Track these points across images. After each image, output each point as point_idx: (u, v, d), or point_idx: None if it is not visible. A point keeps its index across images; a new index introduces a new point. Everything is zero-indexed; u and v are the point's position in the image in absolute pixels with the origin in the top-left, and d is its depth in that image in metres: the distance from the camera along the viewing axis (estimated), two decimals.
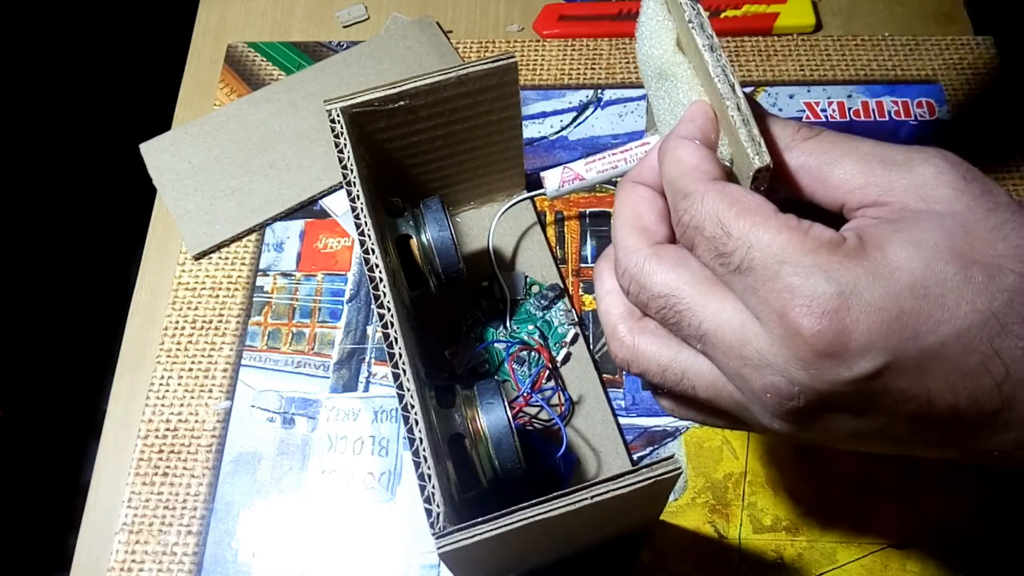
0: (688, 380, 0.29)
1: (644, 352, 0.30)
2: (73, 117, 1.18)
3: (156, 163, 0.57)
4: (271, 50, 0.63)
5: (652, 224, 0.30)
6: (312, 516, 0.46)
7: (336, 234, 0.55)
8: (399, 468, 0.47)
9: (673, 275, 0.28)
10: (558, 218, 0.55)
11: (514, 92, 0.47)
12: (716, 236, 0.27)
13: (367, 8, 0.65)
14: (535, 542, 0.36)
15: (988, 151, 0.57)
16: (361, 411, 0.49)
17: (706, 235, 0.27)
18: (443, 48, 0.62)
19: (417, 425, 0.34)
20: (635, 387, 0.49)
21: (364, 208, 0.39)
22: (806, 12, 0.62)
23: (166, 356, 0.51)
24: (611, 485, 0.31)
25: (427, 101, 0.44)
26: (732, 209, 0.26)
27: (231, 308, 0.53)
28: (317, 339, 0.52)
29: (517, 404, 0.47)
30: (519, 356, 0.49)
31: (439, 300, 0.49)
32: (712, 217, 0.27)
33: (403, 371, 0.35)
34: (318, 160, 0.57)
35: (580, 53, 0.62)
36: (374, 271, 0.38)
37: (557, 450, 0.45)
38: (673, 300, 0.28)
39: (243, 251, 0.55)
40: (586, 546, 0.43)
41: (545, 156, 0.58)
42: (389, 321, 0.37)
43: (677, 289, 0.28)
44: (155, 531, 0.46)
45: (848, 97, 0.59)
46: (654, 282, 0.29)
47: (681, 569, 0.44)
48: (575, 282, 0.53)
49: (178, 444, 0.49)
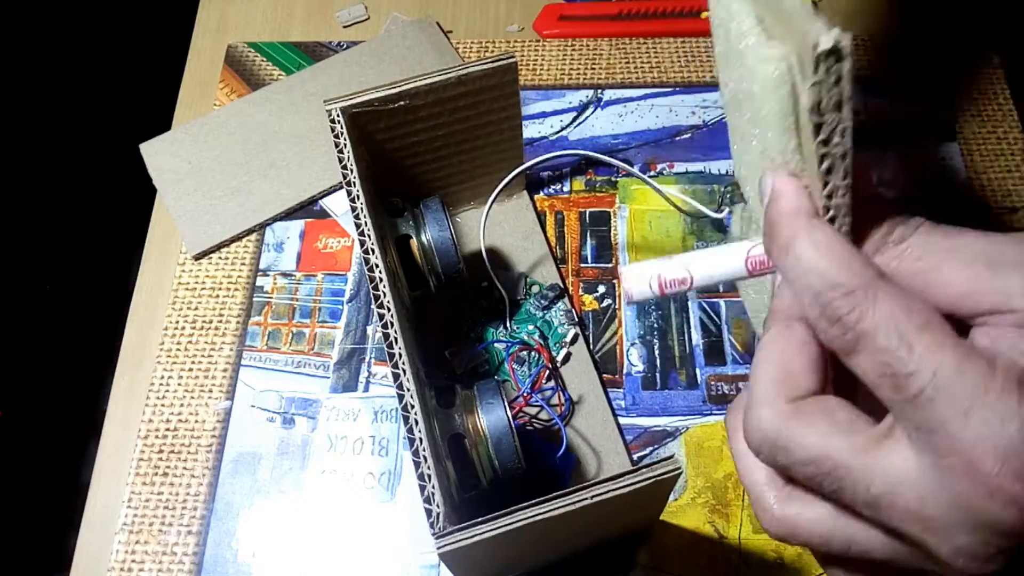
0: (858, 547, 0.25)
1: (800, 524, 0.26)
2: (73, 117, 1.18)
3: (156, 163, 0.57)
4: (271, 50, 0.63)
5: (799, 373, 0.25)
6: (312, 516, 0.46)
7: (336, 234, 0.55)
8: (399, 468, 0.47)
9: (823, 437, 0.23)
10: (558, 218, 0.55)
11: (514, 92, 0.47)
12: (891, 349, 0.22)
13: (367, 8, 0.65)
14: (535, 542, 0.36)
15: (988, 151, 0.57)
16: (361, 411, 0.49)
17: (878, 345, 0.22)
18: (443, 48, 0.62)
19: (417, 425, 0.34)
20: (635, 387, 0.49)
21: (364, 208, 0.39)
22: None
23: (166, 356, 0.51)
24: (611, 485, 0.31)
25: (427, 101, 0.44)
26: (914, 318, 0.22)
27: (231, 308, 0.53)
28: (317, 339, 0.52)
29: (517, 404, 0.47)
30: (519, 356, 0.49)
31: (439, 300, 0.49)
32: (887, 324, 0.22)
33: (403, 371, 0.35)
34: (318, 160, 0.57)
35: (580, 53, 0.62)
36: (374, 271, 0.38)
37: (557, 450, 0.45)
38: (828, 466, 0.23)
39: (243, 251, 0.55)
40: (586, 546, 0.43)
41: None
42: (389, 321, 0.37)
43: (831, 453, 0.23)
44: (155, 531, 0.46)
45: None
46: (799, 447, 0.24)
47: (681, 569, 0.44)
48: (575, 282, 0.53)
49: (178, 444, 0.49)
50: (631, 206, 0.55)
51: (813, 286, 0.24)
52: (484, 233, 0.50)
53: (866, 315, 0.22)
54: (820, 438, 0.23)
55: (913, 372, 0.21)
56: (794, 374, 0.25)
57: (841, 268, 0.23)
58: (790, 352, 0.25)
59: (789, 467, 0.24)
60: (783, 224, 0.25)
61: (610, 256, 0.54)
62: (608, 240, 0.54)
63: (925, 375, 0.21)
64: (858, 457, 0.23)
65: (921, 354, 0.21)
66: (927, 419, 0.21)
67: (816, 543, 0.26)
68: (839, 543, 0.25)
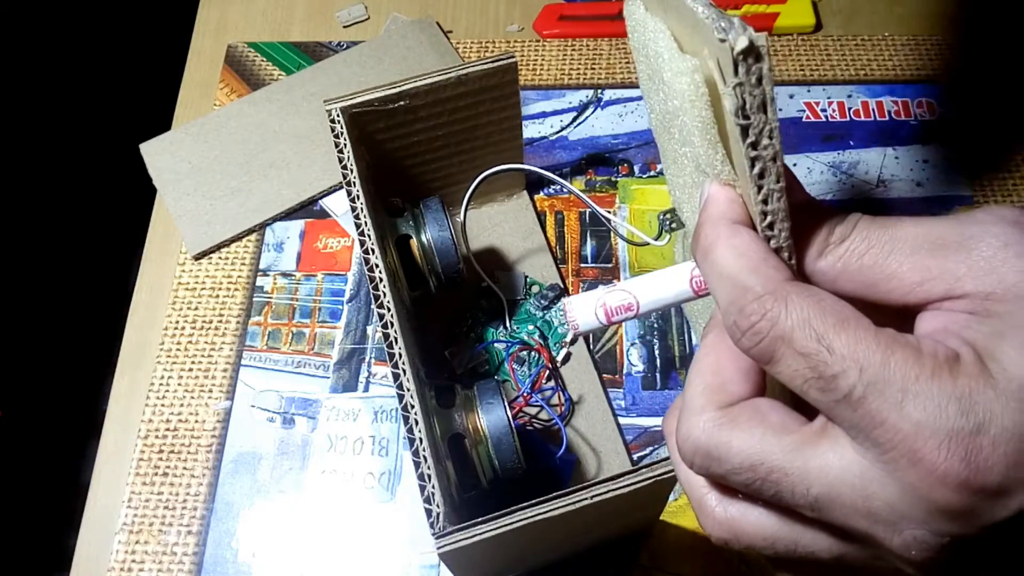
0: (804, 548, 0.24)
1: (743, 528, 0.25)
2: (73, 117, 1.18)
3: (156, 163, 0.57)
4: (271, 50, 0.63)
5: (731, 380, 0.25)
6: (312, 516, 0.46)
7: (336, 234, 0.55)
8: (399, 468, 0.47)
9: (755, 442, 0.23)
10: (558, 218, 0.55)
11: (514, 92, 0.47)
12: (812, 352, 0.21)
13: (367, 8, 0.65)
14: (535, 542, 0.36)
15: (988, 151, 0.57)
16: (361, 411, 0.49)
17: (797, 349, 0.21)
18: (443, 48, 0.62)
19: (417, 425, 0.34)
20: (635, 387, 0.49)
21: (364, 208, 0.39)
22: (806, 12, 0.62)
23: (166, 356, 0.51)
24: (611, 485, 0.31)
25: (427, 101, 0.44)
26: (828, 318, 0.21)
27: (231, 308, 0.53)
28: (317, 339, 0.52)
29: (517, 404, 0.47)
30: (519, 356, 0.49)
31: (439, 300, 0.49)
32: (803, 326, 0.21)
33: (403, 371, 0.35)
34: (318, 160, 0.57)
35: (580, 53, 0.62)
36: (374, 271, 0.38)
37: (557, 450, 0.45)
38: (764, 471, 0.23)
39: (243, 251, 0.55)
40: (586, 546, 0.43)
41: (545, 156, 0.58)
42: (389, 321, 0.37)
43: (765, 457, 0.22)
44: (155, 531, 0.46)
45: (848, 97, 0.59)
46: (731, 454, 0.23)
47: (681, 569, 0.44)
48: (575, 282, 0.53)
49: (178, 444, 0.49)
50: (631, 206, 0.55)
51: (728, 292, 0.23)
52: (465, 225, 0.50)
53: (779, 320, 0.22)
54: (752, 443, 0.23)
55: (838, 373, 0.21)
56: (726, 381, 0.25)
57: (752, 273, 0.23)
58: (723, 359, 0.25)
59: (724, 476, 0.24)
60: (707, 228, 0.25)
61: (610, 256, 0.54)
62: (608, 240, 0.54)
63: (851, 374, 0.21)
64: (793, 458, 0.22)
65: (843, 353, 0.21)
66: (862, 417, 0.21)
67: (760, 546, 0.25)
68: (784, 545, 0.24)
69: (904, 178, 0.56)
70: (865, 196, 0.55)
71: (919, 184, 0.56)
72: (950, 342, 0.22)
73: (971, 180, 0.56)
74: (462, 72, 0.44)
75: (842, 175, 0.56)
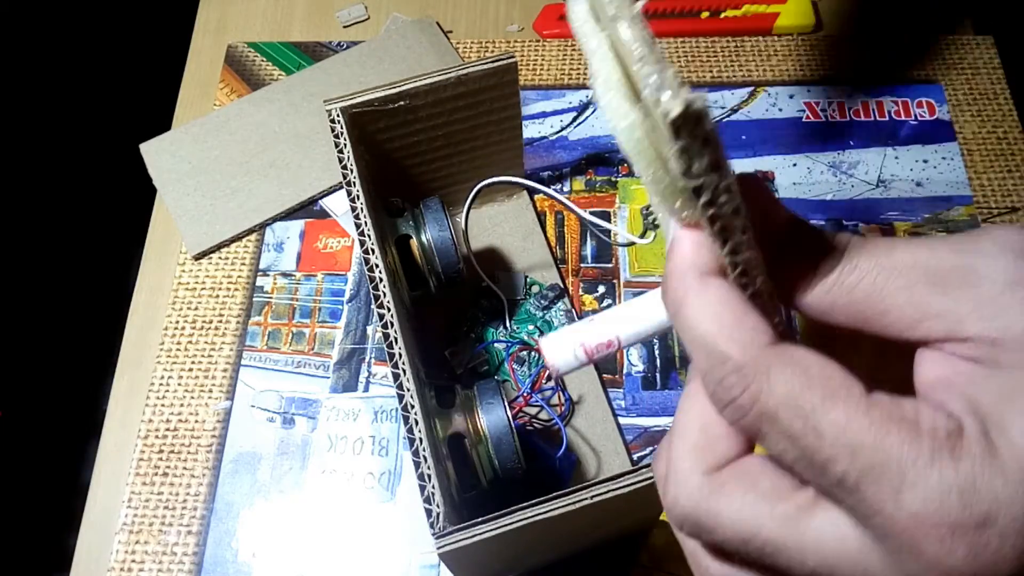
0: None
1: None
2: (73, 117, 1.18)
3: (156, 163, 0.57)
4: (271, 50, 0.63)
5: (718, 437, 0.22)
6: (312, 516, 0.46)
7: (336, 234, 0.55)
8: (399, 468, 0.47)
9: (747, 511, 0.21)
10: (558, 218, 0.55)
11: (514, 92, 0.47)
12: (799, 435, 0.19)
13: (367, 8, 0.65)
14: (535, 542, 0.36)
15: (987, 151, 0.57)
16: (361, 411, 0.49)
17: (783, 431, 0.20)
18: (443, 48, 0.62)
19: (417, 425, 0.34)
20: (635, 387, 0.49)
21: (364, 208, 0.39)
22: (806, 12, 0.62)
23: (166, 356, 0.51)
24: (611, 485, 0.31)
25: (427, 101, 0.44)
26: (815, 391, 0.19)
27: (231, 308, 0.53)
28: (317, 339, 0.52)
29: (517, 404, 0.47)
30: (519, 356, 0.49)
31: (439, 300, 0.49)
32: (788, 404, 0.19)
33: (403, 371, 0.35)
34: (318, 160, 0.57)
35: (580, 53, 0.62)
36: (374, 271, 0.38)
37: (557, 450, 0.45)
38: (758, 543, 0.21)
39: (243, 251, 0.55)
40: (586, 546, 0.43)
41: (545, 156, 0.58)
42: (389, 321, 0.37)
43: (759, 530, 0.21)
44: (155, 531, 0.46)
45: (848, 97, 0.59)
46: (722, 526, 0.21)
47: (681, 570, 0.44)
48: (575, 282, 0.53)
49: (178, 444, 0.49)
50: (631, 206, 0.55)
51: (704, 359, 0.21)
52: (466, 226, 0.50)
53: (761, 396, 0.20)
54: (743, 515, 0.21)
55: (828, 458, 0.19)
56: (713, 439, 0.22)
57: (728, 340, 0.21)
58: (708, 413, 0.22)
59: (717, 544, 0.22)
60: (673, 282, 0.22)
61: (610, 256, 0.54)
62: (608, 240, 0.54)
63: (843, 460, 0.19)
64: (788, 532, 0.21)
65: (833, 435, 0.19)
66: (857, 503, 0.19)
67: None
68: None
69: (904, 178, 0.56)
70: (865, 196, 0.55)
71: (919, 184, 0.56)
72: (953, 404, 0.20)
73: (971, 180, 0.56)
74: (462, 72, 0.44)
75: (842, 175, 0.56)
